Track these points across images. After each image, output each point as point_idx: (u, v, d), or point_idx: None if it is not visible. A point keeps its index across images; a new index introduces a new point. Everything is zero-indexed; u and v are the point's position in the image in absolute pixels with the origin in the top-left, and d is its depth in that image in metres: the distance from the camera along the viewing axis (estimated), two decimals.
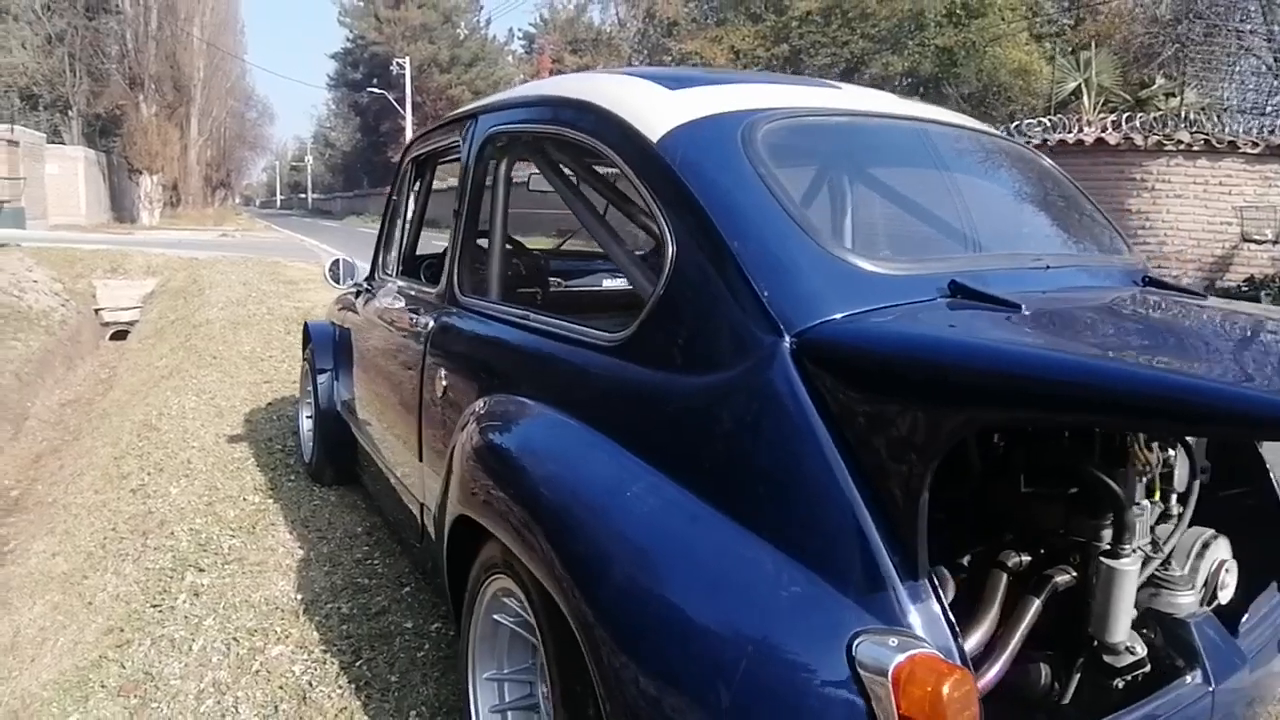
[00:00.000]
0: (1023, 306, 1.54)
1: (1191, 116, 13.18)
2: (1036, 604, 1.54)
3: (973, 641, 1.48)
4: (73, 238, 21.36)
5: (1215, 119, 13.11)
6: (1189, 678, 1.55)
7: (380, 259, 3.68)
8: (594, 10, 37.05)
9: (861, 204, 2.59)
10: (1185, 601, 1.62)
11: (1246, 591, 1.84)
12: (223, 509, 4.14)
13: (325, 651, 2.81)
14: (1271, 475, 2.00)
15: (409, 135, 29.20)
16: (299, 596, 3.19)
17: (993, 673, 1.45)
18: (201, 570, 3.49)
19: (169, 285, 15.20)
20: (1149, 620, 1.64)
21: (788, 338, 1.47)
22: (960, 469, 1.72)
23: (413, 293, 3.03)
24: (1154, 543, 1.69)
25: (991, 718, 1.57)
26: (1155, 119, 12.80)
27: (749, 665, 1.31)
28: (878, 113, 2.28)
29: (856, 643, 1.25)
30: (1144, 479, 1.63)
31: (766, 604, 1.36)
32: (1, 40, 26.64)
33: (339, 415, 4.08)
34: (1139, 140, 12.67)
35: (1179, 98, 14.78)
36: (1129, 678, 1.59)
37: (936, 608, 1.32)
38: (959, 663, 1.27)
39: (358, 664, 2.72)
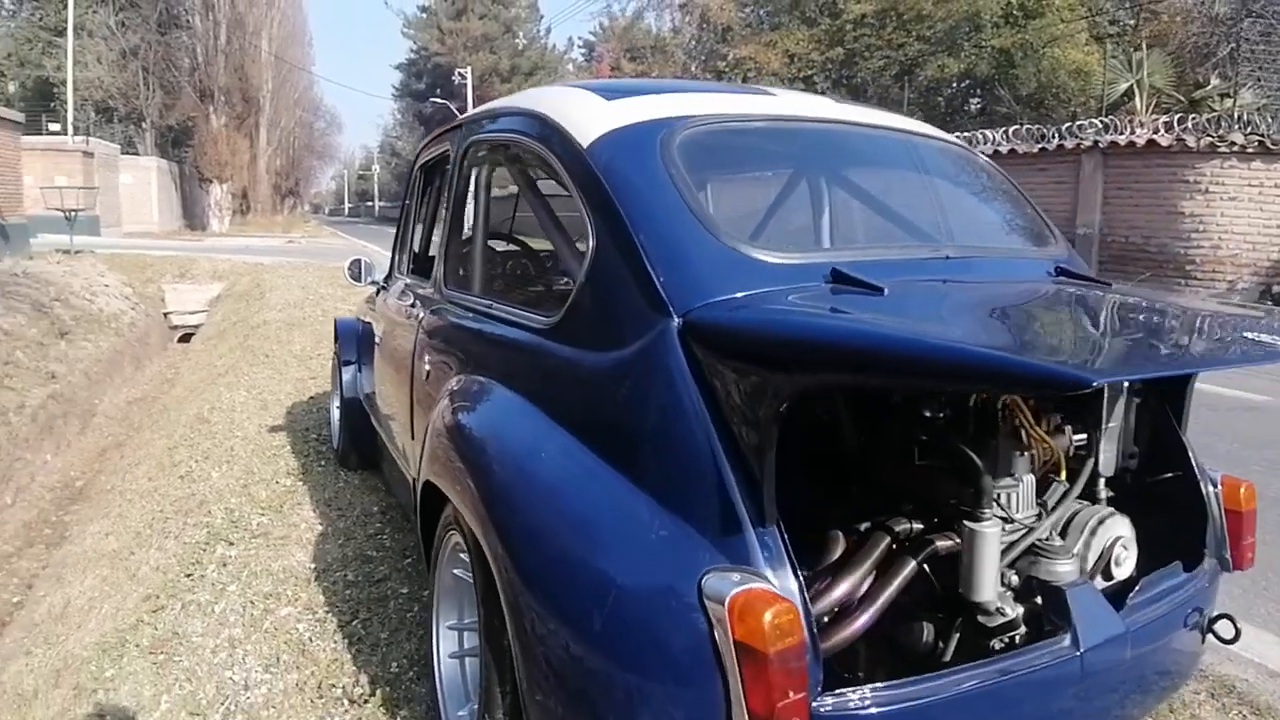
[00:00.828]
0: (885, 290, 1.73)
1: (1246, 117, 12.87)
2: (912, 565, 1.70)
3: (840, 592, 1.64)
4: (145, 244, 22.27)
5: (1271, 119, 12.80)
6: (1058, 641, 1.66)
7: (395, 259, 3.94)
8: (650, 17, 37.30)
9: (769, 200, 2.74)
10: (1063, 570, 1.75)
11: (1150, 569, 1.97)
12: (256, 490, 4.43)
13: (328, 612, 3.06)
14: (1192, 462, 2.11)
15: None
16: (312, 566, 3.45)
17: (860, 621, 1.62)
18: (231, 544, 3.77)
19: (234, 290, 15.73)
20: (1031, 586, 1.77)
21: (676, 318, 1.67)
22: (866, 445, 1.89)
23: (417, 289, 3.27)
24: (1039, 514, 1.84)
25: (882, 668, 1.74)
26: (1208, 120, 12.54)
27: (618, 595, 1.54)
28: (804, 117, 2.41)
29: (705, 577, 1.44)
30: (1024, 454, 1.79)
31: (639, 545, 1.58)
32: (78, 56, 27.93)
33: (361, 404, 4.35)
34: (1191, 142, 12.45)
35: (1233, 98, 14.46)
36: (1004, 639, 1.72)
37: (782, 551, 1.48)
38: (797, 601, 1.43)
39: (354, 623, 2.97)
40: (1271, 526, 4.16)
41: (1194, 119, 12.73)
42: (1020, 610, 1.73)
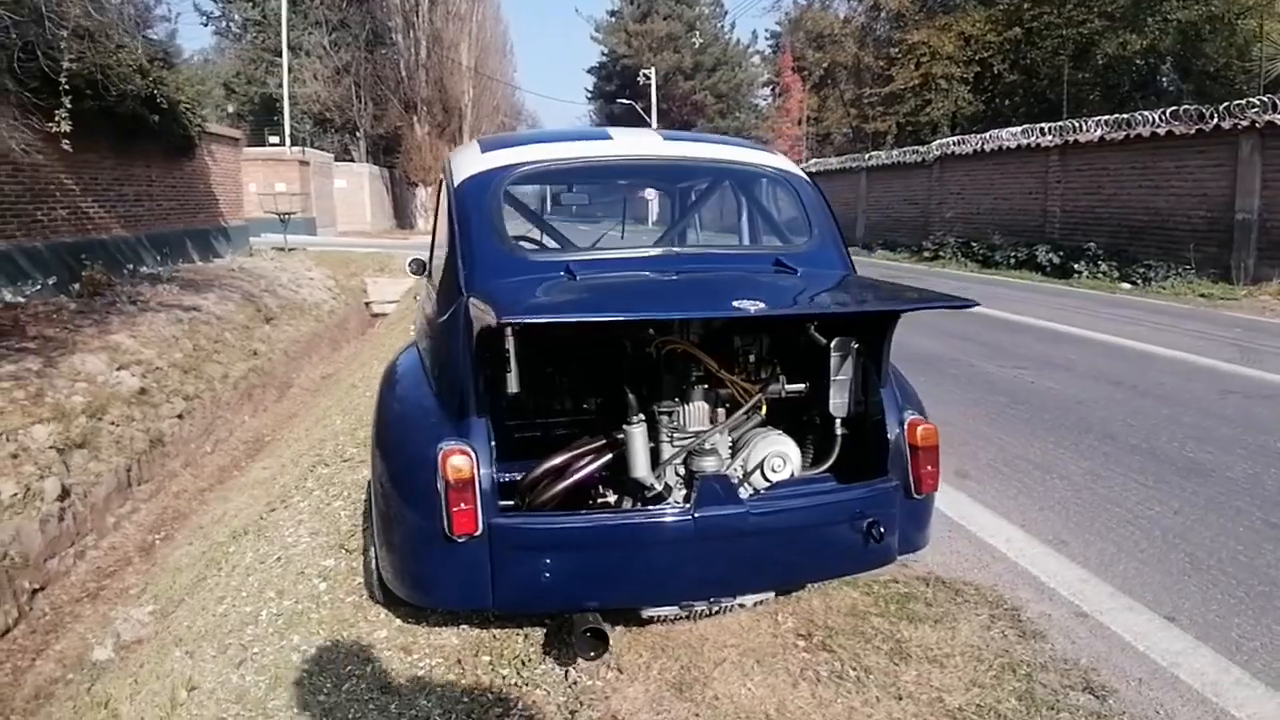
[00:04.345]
0: (577, 276, 2.63)
1: None
2: (609, 456, 2.60)
3: (547, 465, 2.58)
4: (354, 242, 24.98)
5: None
6: (679, 505, 2.50)
7: None
8: (833, 3, 37.15)
9: (556, 217, 3.64)
10: (706, 464, 2.59)
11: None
12: (359, 432, 5.64)
13: (362, 504, 4.16)
14: (883, 407, 2.77)
15: None
16: (369, 478, 4.57)
17: (562, 485, 2.55)
18: (327, 466, 4.98)
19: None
20: (691, 474, 2.61)
21: (465, 295, 2.59)
22: (601, 383, 2.85)
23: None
24: (703, 430, 2.66)
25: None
26: None
27: (404, 454, 2.62)
28: (613, 157, 3.28)
29: (440, 444, 2.43)
30: (693, 386, 2.65)
31: (421, 428, 2.60)
32: (298, 73, 31.64)
33: None
34: None
35: None
36: (658, 504, 2.58)
37: (484, 432, 2.44)
38: (480, 457, 2.37)
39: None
40: (1208, 504, 4.50)
41: None
42: (676, 488, 2.62)
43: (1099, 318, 9.70)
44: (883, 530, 2.57)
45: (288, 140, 26.71)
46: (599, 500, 2.67)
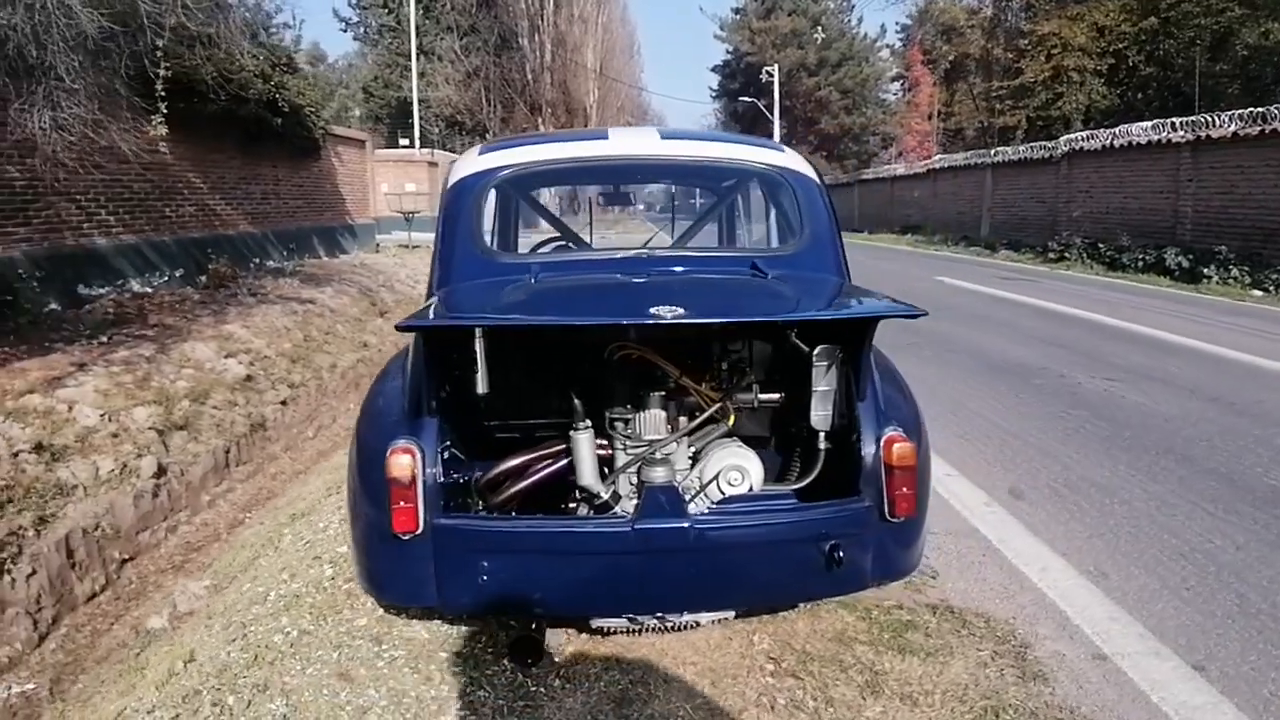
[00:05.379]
0: (534, 279, 2.66)
1: None
2: (565, 461, 2.61)
3: (500, 468, 2.62)
4: None
5: None
6: (620, 515, 2.47)
7: None
8: None
9: (533, 218, 3.61)
10: (656, 475, 2.53)
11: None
12: None
13: None
14: (859, 423, 2.61)
15: (775, 140, 30.91)
16: None
17: (516, 487, 2.59)
18: None
19: None
20: (640, 483, 2.58)
21: (438, 291, 2.68)
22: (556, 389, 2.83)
23: None
24: (655, 440, 2.63)
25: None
26: None
27: (365, 451, 2.57)
28: (602, 157, 3.26)
29: (392, 441, 2.43)
30: (650, 393, 2.64)
31: (383, 425, 2.58)
32: (430, 77, 32.92)
33: None
34: None
35: None
36: (608, 513, 2.56)
37: (433, 432, 2.44)
38: (425, 456, 2.39)
39: None
40: None
41: None
42: (628, 498, 2.61)
43: (1215, 327, 9.07)
44: (844, 554, 2.39)
45: (417, 142, 27.76)
46: (568, 505, 2.69)
